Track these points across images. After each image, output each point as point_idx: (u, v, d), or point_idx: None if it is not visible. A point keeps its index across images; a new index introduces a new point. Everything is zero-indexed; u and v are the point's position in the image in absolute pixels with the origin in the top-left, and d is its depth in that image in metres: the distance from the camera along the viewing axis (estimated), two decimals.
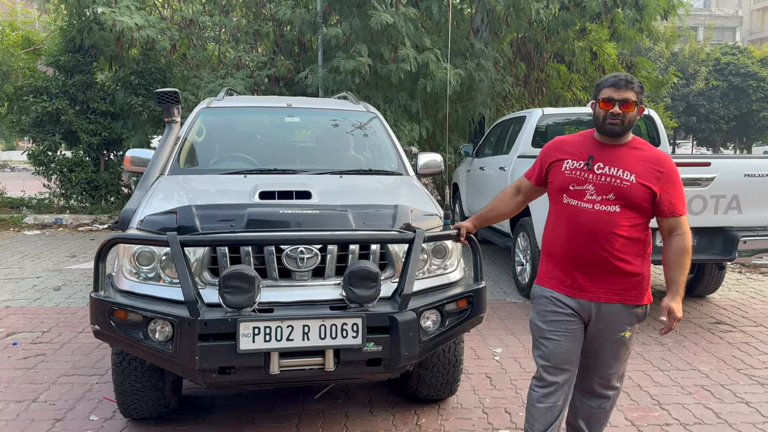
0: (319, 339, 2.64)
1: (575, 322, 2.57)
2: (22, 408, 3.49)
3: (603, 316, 2.54)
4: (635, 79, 2.49)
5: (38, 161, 10.99)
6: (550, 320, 2.60)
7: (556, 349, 2.58)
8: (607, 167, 2.49)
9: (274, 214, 2.94)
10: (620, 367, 2.67)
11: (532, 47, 11.38)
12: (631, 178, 2.45)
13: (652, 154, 2.51)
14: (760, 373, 4.12)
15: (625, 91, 2.44)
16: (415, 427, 3.32)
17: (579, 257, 2.52)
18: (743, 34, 52.57)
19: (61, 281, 6.50)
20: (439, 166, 4.57)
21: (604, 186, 2.48)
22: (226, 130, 4.58)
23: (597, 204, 2.48)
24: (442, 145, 10.63)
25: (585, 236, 2.49)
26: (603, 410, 2.74)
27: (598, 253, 2.48)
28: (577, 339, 2.59)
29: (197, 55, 10.58)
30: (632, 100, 2.44)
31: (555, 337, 2.58)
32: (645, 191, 2.45)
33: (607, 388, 2.70)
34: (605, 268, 2.49)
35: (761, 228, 4.94)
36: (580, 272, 2.53)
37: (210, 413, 3.45)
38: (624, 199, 2.45)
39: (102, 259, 2.72)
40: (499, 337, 4.81)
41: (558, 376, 2.60)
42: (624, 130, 2.49)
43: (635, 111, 2.47)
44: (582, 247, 2.50)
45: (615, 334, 2.56)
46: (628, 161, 2.49)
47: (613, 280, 2.51)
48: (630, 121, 2.48)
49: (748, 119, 29.85)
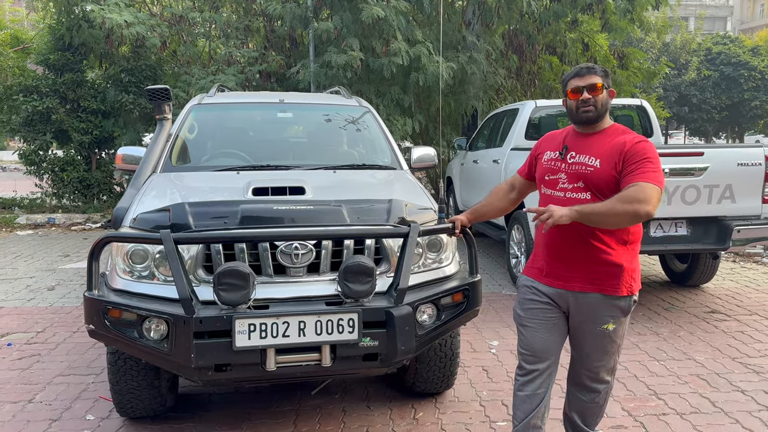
0: (315, 335, 2.63)
1: (552, 311, 2.58)
2: (18, 409, 3.47)
3: (581, 307, 2.52)
4: (597, 66, 2.52)
5: (29, 161, 10.93)
6: (527, 308, 2.63)
7: (533, 338, 2.60)
8: (578, 156, 2.50)
9: (268, 211, 2.92)
10: (608, 360, 2.60)
11: (524, 39, 11.37)
12: (596, 163, 2.44)
13: (623, 139, 2.45)
14: (755, 362, 4.15)
15: (589, 77, 2.47)
16: (413, 421, 3.32)
17: (554, 245, 2.54)
18: (734, 23, 52.72)
19: (55, 281, 6.46)
20: (433, 159, 4.56)
21: (574, 174, 2.49)
22: (217, 127, 4.55)
23: (568, 192, 2.50)
24: (435, 139, 10.63)
25: (559, 225, 2.43)
26: (596, 404, 2.70)
27: (570, 241, 2.48)
28: (556, 328, 2.59)
29: (187, 51, 10.52)
30: (598, 83, 2.45)
31: (532, 325, 2.61)
32: (610, 175, 2.40)
33: (596, 382, 2.64)
34: (579, 257, 2.48)
35: (755, 217, 4.96)
36: (556, 261, 2.55)
37: (207, 411, 3.44)
38: (592, 185, 2.44)
39: (95, 258, 2.70)
40: (495, 330, 4.82)
41: (536, 364, 2.61)
42: (599, 115, 2.48)
43: (605, 93, 2.48)
44: (556, 235, 2.51)
45: (597, 326, 2.52)
46: (598, 148, 2.47)
47: (588, 269, 2.48)
48: (602, 105, 2.47)
49: (740, 109, 29.94)
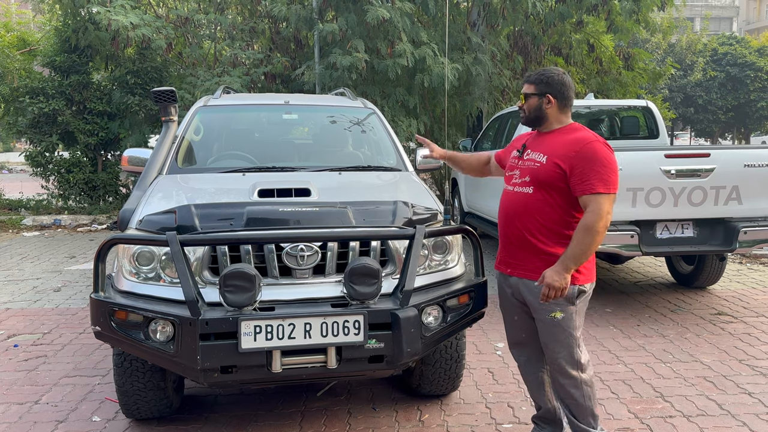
0: (321, 336, 2.63)
1: (515, 303, 2.80)
2: (24, 410, 3.49)
3: (530, 296, 2.67)
4: (535, 72, 2.72)
5: (36, 162, 10.98)
6: (500, 300, 2.92)
7: (507, 326, 2.93)
8: (531, 153, 2.70)
9: (274, 212, 2.92)
10: (565, 351, 2.64)
11: (529, 40, 11.34)
12: (543, 159, 2.62)
13: (576, 137, 2.61)
14: (762, 364, 4.12)
15: (525, 84, 2.73)
16: (419, 423, 3.31)
17: (505, 234, 2.76)
18: (740, 24, 52.49)
19: (61, 282, 6.49)
20: (438, 161, 4.55)
21: (525, 170, 2.69)
22: (223, 129, 4.56)
23: (517, 186, 2.71)
24: (440, 140, 10.61)
25: (508, 216, 2.72)
26: (573, 400, 2.70)
27: (515, 232, 2.68)
28: (521, 318, 2.80)
29: (193, 53, 10.54)
30: (526, 93, 2.70)
31: (505, 315, 2.91)
32: (554, 170, 2.56)
33: (562, 375, 2.68)
34: (522, 246, 2.67)
35: (761, 218, 4.93)
36: (507, 249, 2.77)
37: (212, 412, 3.44)
38: (536, 180, 2.62)
39: (101, 259, 2.71)
40: (500, 332, 4.78)
41: (515, 349, 2.94)
42: (528, 119, 2.73)
43: (534, 100, 2.68)
44: (505, 225, 2.74)
45: (546, 314, 2.64)
46: (549, 145, 2.64)
47: (530, 258, 2.65)
48: (531, 110, 2.69)
49: (746, 109, 29.78)
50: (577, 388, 2.68)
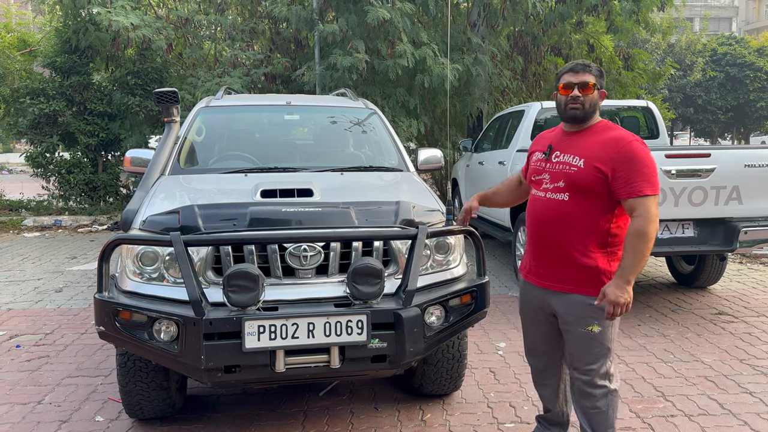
0: (324, 336, 2.64)
1: (540, 313, 2.68)
2: (27, 410, 3.49)
3: (564, 308, 2.54)
4: (593, 64, 2.51)
5: (36, 163, 10.98)
6: (522, 307, 2.81)
7: (526, 334, 2.84)
8: (562, 155, 2.51)
9: (277, 213, 2.93)
10: (597, 362, 2.53)
11: (529, 41, 11.36)
12: (580, 162, 2.43)
13: (612, 136, 2.43)
14: (763, 363, 4.13)
15: (583, 74, 2.46)
16: (421, 423, 3.32)
17: (537, 245, 2.61)
18: (739, 24, 52.53)
19: (63, 283, 6.49)
20: (439, 161, 4.57)
21: (557, 174, 2.50)
22: (225, 129, 4.57)
23: (549, 192, 2.52)
24: (440, 141, 10.63)
25: (540, 225, 2.55)
26: (597, 410, 2.58)
27: (549, 241, 2.52)
28: (545, 328, 2.70)
29: (193, 54, 10.56)
30: (591, 82, 2.45)
31: (525, 323, 2.81)
32: (594, 174, 2.39)
33: (591, 386, 2.56)
34: (559, 257, 2.51)
35: (762, 218, 4.94)
36: (538, 260, 2.62)
37: (215, 412, 3.45)
38: (572, 185, 2.44)
39: (105, 260, 2.72)
40: (501, 332, 4.82)
41: (533, 357, 2.83)
42: (585, 114, 2.48)
43: (595, 93, 2.48)
44: (537, 235, 2.58)
45: (581, 327, 2.50)
46: (583, 146, 2.46)
47: (565, 270, 2.50)
48: (591, 105, 2.47)
49: (746, 109, 29.80)
50: (605, 398, 2.57)
